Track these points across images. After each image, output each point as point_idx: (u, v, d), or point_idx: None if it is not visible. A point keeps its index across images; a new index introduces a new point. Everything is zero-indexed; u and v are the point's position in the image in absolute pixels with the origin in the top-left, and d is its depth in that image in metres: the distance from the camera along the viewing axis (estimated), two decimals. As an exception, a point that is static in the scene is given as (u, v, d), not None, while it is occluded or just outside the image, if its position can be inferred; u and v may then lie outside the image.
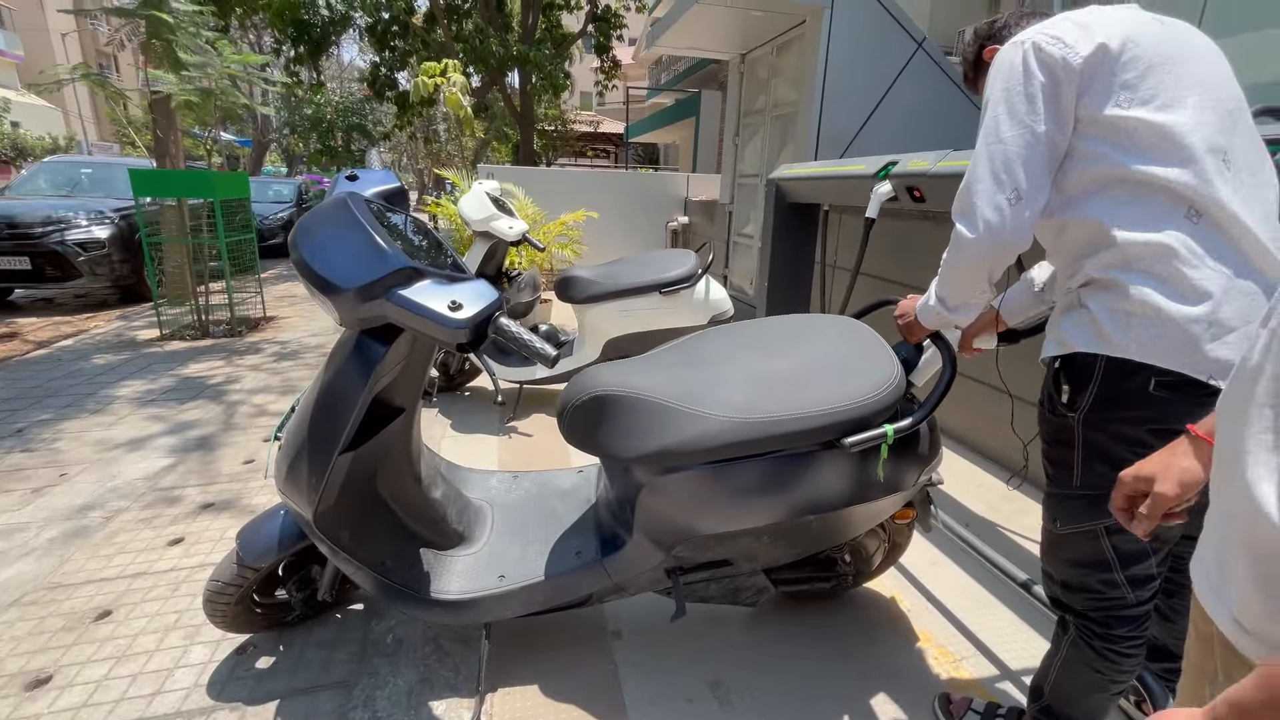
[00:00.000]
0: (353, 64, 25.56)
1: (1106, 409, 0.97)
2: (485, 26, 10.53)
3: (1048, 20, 0.98)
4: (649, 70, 21.42)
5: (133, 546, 2.05)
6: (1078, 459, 1.02)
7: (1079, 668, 1.12)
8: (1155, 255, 0.90)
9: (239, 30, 12.99)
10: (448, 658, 1.60)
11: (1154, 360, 0.91)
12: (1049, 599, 1.18)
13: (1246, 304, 0.88)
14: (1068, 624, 1.13)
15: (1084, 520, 1.03)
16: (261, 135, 19.59)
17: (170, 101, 4.60)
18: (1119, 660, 1.07)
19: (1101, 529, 1.01)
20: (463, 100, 5.57)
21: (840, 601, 1.82)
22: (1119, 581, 1.03)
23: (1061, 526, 1.07)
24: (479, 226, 3.01)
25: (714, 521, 1.31)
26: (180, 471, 2.57)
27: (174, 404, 3.32)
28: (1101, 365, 0.96)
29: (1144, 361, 0.91)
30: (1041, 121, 0.94)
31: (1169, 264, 0.89)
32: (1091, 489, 1.00)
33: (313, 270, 1.03)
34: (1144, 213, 0.91)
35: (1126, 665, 1.07)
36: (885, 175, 2.52)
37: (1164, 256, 0.89)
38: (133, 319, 5.33)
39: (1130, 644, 1.06)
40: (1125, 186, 0.92)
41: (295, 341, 4.73)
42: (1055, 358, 1.05)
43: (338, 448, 1.17)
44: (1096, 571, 1.04)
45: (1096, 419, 0.98)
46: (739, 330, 1.51)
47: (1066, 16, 0.97)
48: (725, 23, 4.45)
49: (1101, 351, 0.95)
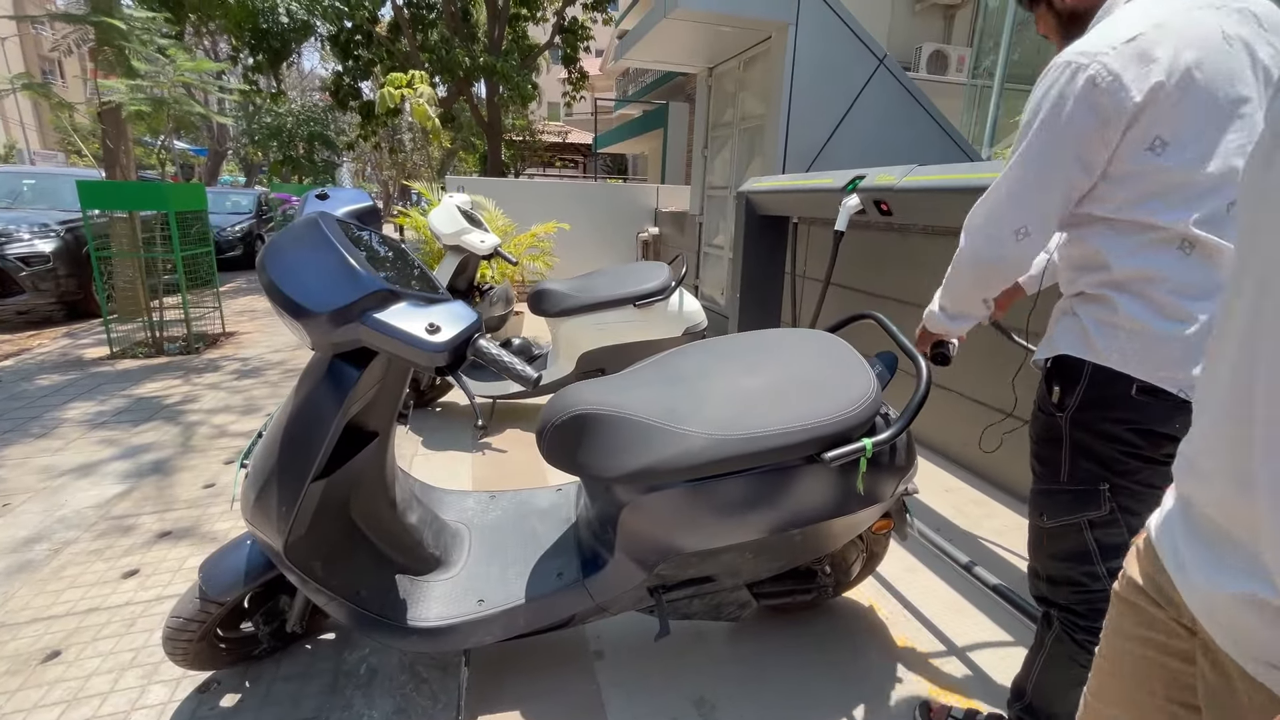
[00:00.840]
0: (314, 72, 25.04)
1: (1092, 410, 1.02)
2: (451, 37, 10.47)
3: (1110, 34, 0.90)
4: (616, 81, 21.54)
5: (83, 580, 1.94)
6: (1065, 456, 1.07)
7: (1063, 663, 1.15)
8: (1146, 280, 0.95)
9: (194, 36, 12.59)
10: (425, 686, 1.55)
11: (1132, 371, 0.97)
12: (1034, 597, 1.22)
13: None
14: (1052, 620, 1.17)
15: (1070, 513, 1.08)
16: (218, 144, 19.00)
17: (121, 111, 4.42)
18: None
19: (1085, 522, 1.06)
20: (429, 111, 5.50)
21: (821, 612, 1.83)
22: (1101, 574, 1.07)
23: (1049, 520, 1.11)
24: (450, 241, 2.97)
25: (697, 539, 1.31)
26: (134, 498, 2.45)
27: (127, 426, 3.17)
28: (1088, 371, 1.01)
29: (1123, 371, 0.97)
30: (1073, 168, 0.95)
31: (1157, 289, 0.95)
32: (1078, 483, 1.06)
33: (283, 293, 1.00)
34: (1140, 246, 0.96)
35: None
36: (853, 189, 2.57)
37: (1154, 282, 0.95)
38: (80, 336, 5.08)
39: None
40: (1128, 224, 0.96)
41: (257, 358, 4.57)
42: (1047, 360, 1.10)
43: (309, 476, 1.12)
44: (1080, 564, 1.09)
45: (1083, 419, 1.03)
46: (717, 346, 1.52)
47: (1133, 38, 0.88)
48: (693, 37, 4.50)
49: (1088, 359, 1.01)
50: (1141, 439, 0.99)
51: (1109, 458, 1.02)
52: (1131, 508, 1.03)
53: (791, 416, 1.23)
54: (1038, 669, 1.21)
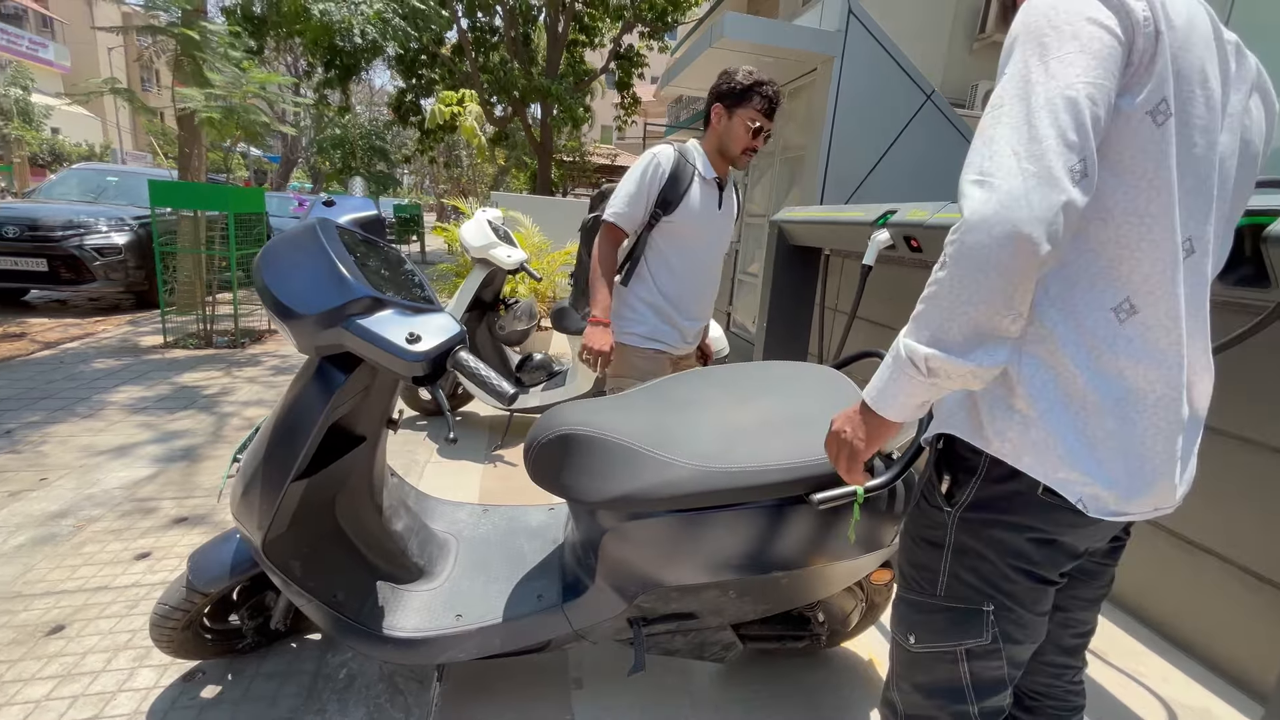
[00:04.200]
0: (384, 89, 26.40)
1: (986, 510, 0.81)
2: (510, 59, 10.86)
3: None
4: (669, 107, 21.89)
5: (99, 558, 2.02)
6: (945, 565, 0.85)
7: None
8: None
9: (275, 51, 13.47)
10: (400, 697, 1.54)
11: (1025, 468, 0.76)
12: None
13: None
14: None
15: (944, 640, 0.86)
16: (290, 153, 20.16)
17: (194, 118, 4.73)
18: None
19: (962, 651, 0.85)
20: (477, 129, 5.68)
21: (814, 662, 1.74)
22: (971, 715, 0.87)
23: (918, 644, 0.89)
24: (478, 253, 3.03)
25: (678, 572, 1.26)
26: (160, 482, 2.55)
27: (165, 412, 3.32)
28: (986, 461, 0.80)
29: (1016, 468, 0.77)
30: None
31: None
32: (957, 601, 0.85)
33: (273, 295, 1.02)
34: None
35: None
36: (884, 223, 2.51)
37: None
38: (141, 324, 5.39)
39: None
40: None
41: (296, 356, 4.75)
42: (937, 437, 0.87)
43: (291, 474, 1.14)
44: (950, 703, 0.88)
45: (974, 521, 0.82)
46: (716, 375, 1.48)
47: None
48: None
49: (982, 448, 0.79)
50: (1039, 551, 0.80)
51: (997, 574, 0.81)
52: (1013, 635, 0.84)
53: (783, 453, 1.18)
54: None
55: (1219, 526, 1.81)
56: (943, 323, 0.69)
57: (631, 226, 1.92)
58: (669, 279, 1.97)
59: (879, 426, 0.79)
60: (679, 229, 1.92)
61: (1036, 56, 0.67)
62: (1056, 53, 0.66)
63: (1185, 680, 1.77)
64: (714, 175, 1.95)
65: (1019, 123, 0.66)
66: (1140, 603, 2.03)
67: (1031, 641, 0.87)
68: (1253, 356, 1.64)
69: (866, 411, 0.80)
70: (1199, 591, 1.86)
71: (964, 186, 0.69)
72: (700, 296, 2.06)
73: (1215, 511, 1.81)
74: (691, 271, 1.99)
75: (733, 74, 1.85)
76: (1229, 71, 0.75)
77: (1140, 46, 0.67)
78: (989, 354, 0.68)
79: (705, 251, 2.01)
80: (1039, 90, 0.66)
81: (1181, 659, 1.85)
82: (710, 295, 2.12)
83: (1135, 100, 0.68)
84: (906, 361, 0.72)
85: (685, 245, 1.96)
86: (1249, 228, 1.37)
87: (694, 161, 1.93)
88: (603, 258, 1.91)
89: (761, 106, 1.84)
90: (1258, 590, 1.71)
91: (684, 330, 2.03)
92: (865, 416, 0.81)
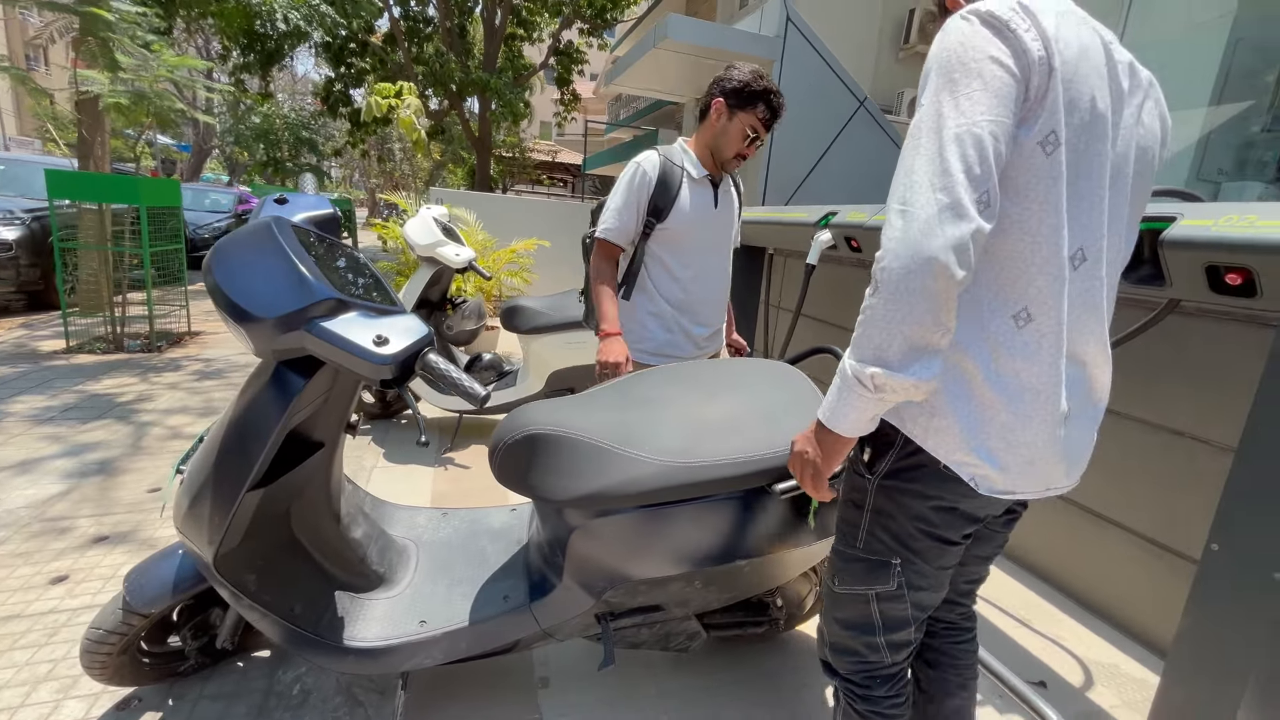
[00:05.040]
0: (306, 77, 25.03)
1: (899, 479, 0.93)
2: (446, 51, 10.55)
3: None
4: (609, 105, 21.88)
5: (7, 585, 1.84)
6: (865, 522, 0.99)
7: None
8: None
9: (184, 33, 12.52)
10: (360, 709, 1.49)
11: (929, 449, 0.87)
12: (821, 662, 1.16)
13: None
14: (838, 693, 1.12)
15: (860, 584, 1.01)
16: (203, 142, 18.80)
17: (99, 103, 4.35)
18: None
19: (873, 594, 1.00)
20: (416, 123, 5.50)
21: (772, 646, 1.81)
22: (880, 645, 1.03)
23: (839, 586, 1.04)
24: (424, 252, 2.95)
25: (646, 566, 1.29)
26: (73, 499, 2.35)
27: (74, 423, 3.05)
28: (900, 439, 0.91)
29: (922, 446, 0.88)
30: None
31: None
32: (871, 554, 0.99)
33: (227, 297, 0.97)
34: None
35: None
36: (826, 224, 2.63)
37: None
38: (37, 328, 4.92)
39: (890, 703, 1.06)
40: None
41: (221, 360, 4.46)
42: None
43: (246, 484, 1.09)
44: (862, 634, 1.04)
45: (889, 487, 0.94)
46: (676, 372, 1.52)
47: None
48: (680, 68, 4.61)
49: (898, 427, 0.90)
50: (939, 516, 0.92)
51: (905, 533, 0.95)
52: (915, 583, 0.98)
53: (745, 446, 1.22)
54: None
55: (1123, 501, 2.01)
56: (881, 342, 0.76)
57: (624, 240, 1.86)
58: (673, 287, 1.90)
59: (835, 443, 0.86)
60: (675, 234, 1.86)
61: (948, 92, 0.76)
62: (965, 89, 0.75)
63: (1097, 640, 1.96)
64: (704, 173, 1.87)
65: (933, 155, 0.74)
66: (1057, 573, 2.23)
67: (934, 590, 1.01)
68: (1152, 347, 1.83)
69: (822, 430, 0.87)
70: (1108, 560, 2.06)
71: (889, 214, 0.77)
72: (708, 300, 1.97)
73: (1119, 487, 2.01)
74: (695, 276, 1.91)
75: (743, 73, 1.77)
76: (1120, 92, 0.84)
77: (1035, 83, 0.76)
78: (925, 367, 0.76)
79: (707, 253, 1.93)
80: (949, 124, 0.74)
81: (1095, 622, 2.05)
82: (720, 297, 2.03)
83: (1030, 132, 0.77)
84: (854, 381, 0.79)
85: (684, 250, 1.89)
86: (1147, 232, 1.53)
87: (680, 163, 1.86)
88: (599, 273, 1.87)
89: (765, 116, 1.78)
90: (1159, 556, 1.91)
91: (695, 337, 1.96)
92: (821, 436, 0.88)
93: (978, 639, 1.23)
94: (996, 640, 1.92)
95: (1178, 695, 1.32)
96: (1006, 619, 2.02)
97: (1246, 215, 1.37)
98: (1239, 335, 1.70)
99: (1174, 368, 1.86)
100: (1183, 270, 1.48)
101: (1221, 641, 1.24)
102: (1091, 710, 1.67)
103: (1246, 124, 4.78)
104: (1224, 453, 1.72)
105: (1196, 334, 1.80)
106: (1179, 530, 1.86)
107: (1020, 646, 1.90)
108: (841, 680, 1.09)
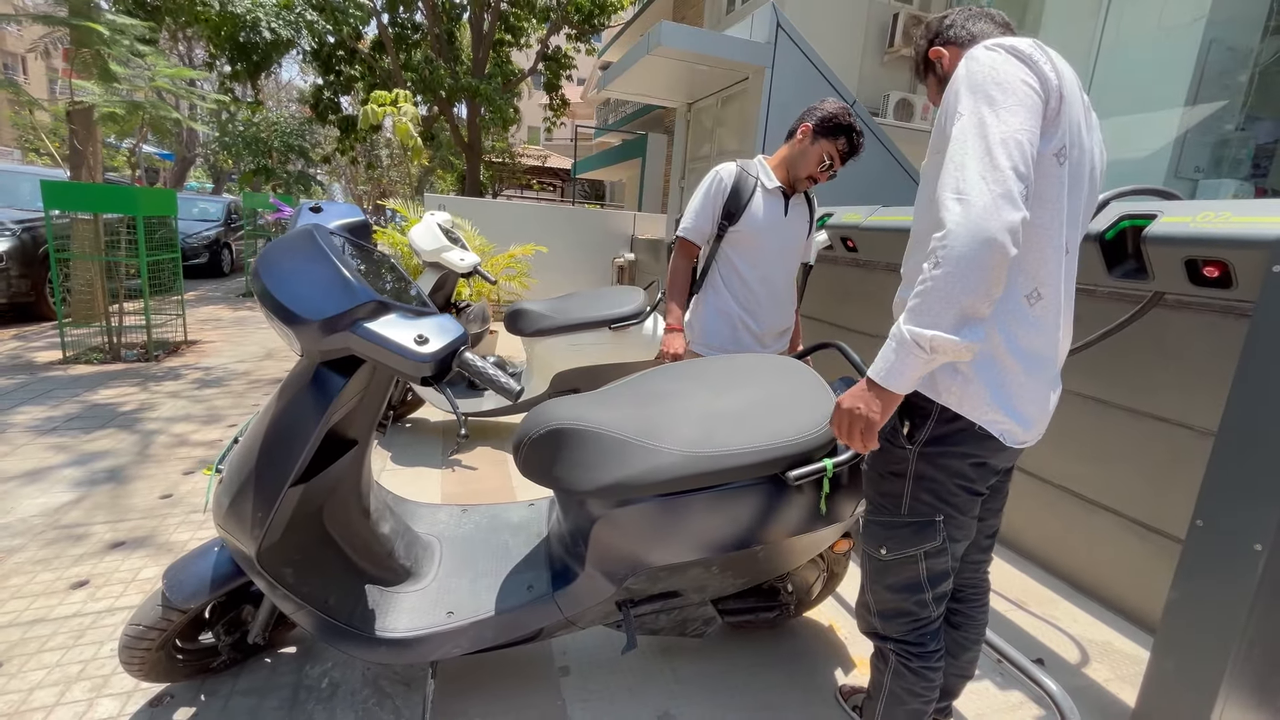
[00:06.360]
0: (291, 83, 24.89)
1: (939, 445, 1.05)
2: (434, 57, 10.58)
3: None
4: (597, 110, 21.97)
5: (28, 590, 1.87)
6: (908, 489, 1.10)
7: (904, 697, 1.18)
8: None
9: (169, 41, 12.45)
10: (388, 700, 1.54)
11: (965, 412, 1.01)
12: (866, 633, 1.25)
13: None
14: (887, 656, 1.20)
15: (910, 546, 1.11)
16: (186, 150, 18.62)
17: (93, 113, 4.35)
18: (932, 676, 1.17)
19: (921, 554, 1.11)
20: (412, 130, 5.55)
21: (782, 631, 1.88)
22: (928, 600, 1.14)
23: (889, 553, 1.14)
24: (430, 258, 3.00)
25: (665, 553, 1.35)
26: (86, 507, 2.37)
27: (78, 433, 3.06)
28: (936, 409, 1.03)
29: (959, 413, 1.01)
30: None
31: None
32: (917, 515, 1.10)
33: (276, 300, 1.03)
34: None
35: (936, 680, 1.17)
36: (822, 225, 2.71)
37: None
38: (31, 339, 4.89)
39: (938, 656, 1.17)
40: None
41: (220, 367, 4.47)
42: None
43: (288, 480, 1.14)
44: (912, 594, 1.14)
45: (930, 453, 1.06)
46: (688, 369, 1.58)
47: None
48: (674, 74, 4.69)
49: (934, 399, 1.03)
50: (976, 471, 1.06)
51: (946, 491, 1.07)
52: (955, 535, 1.11)
53: (758, 436, 1.29)
54: (881, 711, 1.22)
55: (1112, 486, 2.10)
56: (941, 310, 0.87)
57: (701, 239, 2.10)
58: (740, 287, 2.09)
59: (888, 399, 0.95)
60: (745, 238, 2.04)
61: (987, 105, 0.90)
62: (1003, 104, 0.90)
63: (1090, 620, 2.05)
64: (776, 184, 2.05)
65: (982, 154, 0.87)
66: (1051, 557, 2.32)
67: (966, 539, 1.15)
68: (1137, 339, 1.92)
69: (875, 388, 0.95)
70: (1099, 543, 2.15)
71: (944, 200, 0.88)
72: (772, 303, 2.14)
73: (1108, 473, 2.10)
74: (761, 279, 2.09)
75: (834, 107, 1.94)
76: (1090, 123, 1.03)
77: (1052, 104, 0.93)
78: (973, 331, 0.88)
79: (773, 258, 2.10)
80: (994, 131, 0.88)
81: (1087, 602, 2.14)
82: (784, 301, 2.19)
83: (1048, 145, 0.94)
84: (911, 344, 0.89)
85: (753, 253, 2.07)
86: (1131, 228, 1.62)
87: (756, 174, 2.06)
88: (675, 270, 2.12)
89: (844, 149, 1.96)
90: (1146, 538, 2.01)
91: (760, 335, 2.14)
92: (876, 392, 0.96)
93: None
94: (996, 622, 1.99)
95: (1168, 664, 1.40)
96: (1004, 602, 2.11)
97: (1222, 212, 1.46)
98: (1217, 325, 1.80)
99: (1158, 358, 1.96)
100: (1164, 264, 1.58)
101: (1208, 609, 1.32)
102: (1087, 684, 1.76)
103: (1221, 123, 4.95)
104: (1205, 437, 1.81)
105: (1178, 326, 1.90)
106: (1165, 513, 1.95)
107: (1018, 627, 1.98)
108: (896, 643, 1.18)
